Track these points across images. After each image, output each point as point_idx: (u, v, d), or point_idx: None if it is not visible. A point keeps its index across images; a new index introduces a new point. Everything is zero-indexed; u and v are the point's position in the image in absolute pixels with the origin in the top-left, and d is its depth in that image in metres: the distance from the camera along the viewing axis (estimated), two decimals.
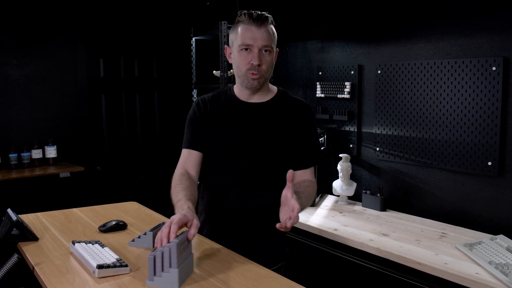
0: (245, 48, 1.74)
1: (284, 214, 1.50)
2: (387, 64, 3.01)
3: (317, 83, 3.49)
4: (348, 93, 3.24)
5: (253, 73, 1.74)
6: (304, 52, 3.65)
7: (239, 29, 1.75)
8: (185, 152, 1.90)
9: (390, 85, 3.00)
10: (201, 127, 1.88)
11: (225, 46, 1.85)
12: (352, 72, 3.24)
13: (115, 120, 4.37)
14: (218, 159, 1.85)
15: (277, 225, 1.50)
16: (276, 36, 1.81)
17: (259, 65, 1.73)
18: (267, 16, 1.75)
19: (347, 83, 3.25)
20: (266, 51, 1.74)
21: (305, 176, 1.86)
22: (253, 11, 1.75)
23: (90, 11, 4.16)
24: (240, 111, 1.85)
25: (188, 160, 1.88)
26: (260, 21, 1.72)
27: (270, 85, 1.91)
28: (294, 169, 1.80)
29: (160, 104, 4.58)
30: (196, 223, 1.51)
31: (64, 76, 4.13)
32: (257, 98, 1.85)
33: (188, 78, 3.97)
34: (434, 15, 2.76)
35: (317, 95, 3.49)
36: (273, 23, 1.80)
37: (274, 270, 1.66)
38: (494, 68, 2.47)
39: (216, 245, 1.80)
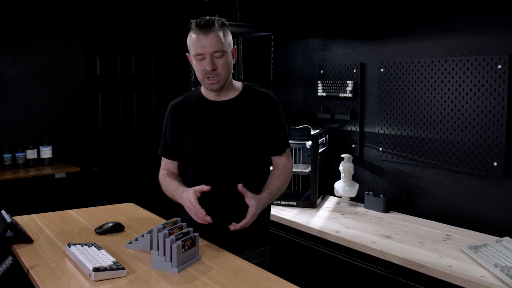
0: (198, 57, 1.86)
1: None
2: (390, 62, 2.98)
3: (319, 81, 3.47)
4: (350, 92, 3.22)
5: (208, 78, 1.87)
6: (305, 50, 3.62)
7: (191, 38, 1.88)
8: (163, 159, 2.13)
9: (393, 84, 2.98)
10: (175, 133, 2.04)
11: (187, 53, 1.96)
12: (355, 71, 3.21)
13: (112, 119, 4.34)
14: (198, 158, 1.98)
15: (231, 227, 1.80)
16: (229, 37, 1.91)
17: (213, 70, 1.85)
18: (214, 21, 1.85)
19: (349, 82, 3.23)
20: (218, 55, 1.85)
21: (280, 161, 2.04)
22: (202, 18, 1.86)
23: (85, 6, 4.12)
24: (210, 110, 1.97)
25: (168, 166, 2.12)
26: (206, 29, 1.83)
27: (235, 82, 2.02)
28: (270, 155, 2.06)
29: (158, 103, 4.56)
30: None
31: (59, 74, 4.10)
32: (223, 96, 1.97)
33: (187, 77, 3.94)
34: (438, 12, 2.75)
35: (318, 94, 3.47)
36: (223, 25, 1.89)
37: (260, 253, 2.01)
38: (499, 66, 2.45)
39: (215, 247, 1.82)
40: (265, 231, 2.08)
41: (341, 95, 3.29)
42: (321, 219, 2.82)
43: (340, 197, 3.17)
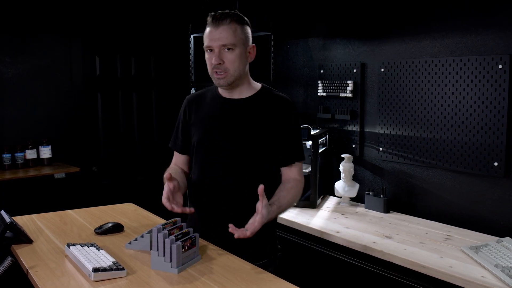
0: (208, 49, 1.82)
1: (248, 224, 1.64)
2: (391, 62, 2.97)
3: (319, 81, 3.46)
4: (351, 91, 3.21)
5: (216, 72, 1.81)
6: (306, 50, 3.61)
7: (205, 31, 1.83)
8: (175, 152, 2.07)
9: (394, 84, 2.97)
10: (185, 127, 1.99)
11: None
12: (355, 70, 3.20)
13: (112, 119, 4.33)
14: (203, 155, 1.92)
15: (235, 232, 1.60)
16: (245, 33, 1.84)
17: (220, 64, 1.79)
18: (227, 15, 1.79)
19: (349, 82, 3.21)
20: (227, 49, 1.78)
21: (291, 173, 1.92)
22: (218, 12, 1.81)
23: (84, 6, 4.11)
24: (222, 107, 1.91)
25: (177, 160, 2.07)
26: (218, 21, 1.78)
27: (254, 82, 1.95)
28: (280, 166, 1.93)
29: (158, 103, 4.54)
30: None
31: (58, 74, 4.09)
32: (238, 95, 1.90)
33: (187, 76, 3.94)
34: (438, 12, 2.74)
35: (318, 94, 3.46)
36: (240, 20, 1.82)
37: (265, 264, 1.85)
38: (500, 66, 2.44)
39: (215, 247, 1.80)
40: (270, 241, 1.98)
41: (341, 95, 3.28)
42: (321, 219, 2.81)
43: (340, 197, 3.16)
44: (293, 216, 2.87)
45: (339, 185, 3.12)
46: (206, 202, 1.91)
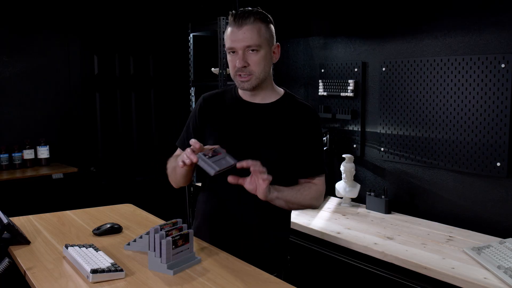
0: (231, 51, 1.73)
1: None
2: (392, 61, 2.96)
3: (320, 80, 3.44)
4: (352, 91, 3.20)
5: (240, 75, 1.72)
6: (306, 49, 3.60)
7: (226, 31, 1.75)
8: (178, 151, 1.94)
9: (395, 83, 2.95)
10: (200, 127, 1.86)
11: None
12: (356, 70, 3.19)
13: (110, 119, 4.32)
14: None
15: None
16: (270, 31, 1.77)
17: (244, 67, 1.71)
18: (251, 13, 1.70)
19: (350, 81, 3.20)
20: (252, 50, 1.70)
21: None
22: (240, 10, 1.72)
23: (83, 5, 4.10)
24: (243, 111, 1.82)
25: None
26: (241, 21, 1.69)
27: (276, 87, 1.88)
28: (299, 178, 1.83)
29: (157, 102, 4.54)
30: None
31: (56, 73, 4.08)
32: (260, 99, 1.82)
33: (186, 76, 3.93)
34: (440, 11, 2.73)
35: (319, 93, 3.45)
36: (264, 18, 1.74)
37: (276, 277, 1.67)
38: (503, 65, 2.43)
39: (215, 249, 1.79)
40: (281, 254, 1.89)
41: (342, 94, 3.26)
42: (322, 220, 2.79)
43: (341, 198, 3.14)
44: (293, 217, 2.83)
45: (340, 186, 3.10)
46: (218, 212, 1.83)
